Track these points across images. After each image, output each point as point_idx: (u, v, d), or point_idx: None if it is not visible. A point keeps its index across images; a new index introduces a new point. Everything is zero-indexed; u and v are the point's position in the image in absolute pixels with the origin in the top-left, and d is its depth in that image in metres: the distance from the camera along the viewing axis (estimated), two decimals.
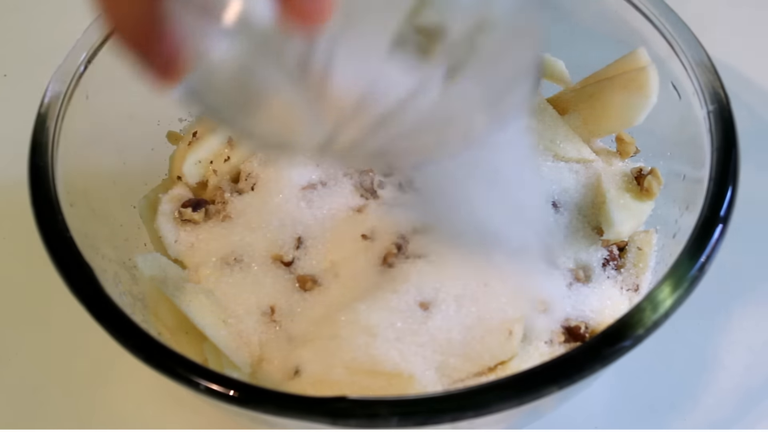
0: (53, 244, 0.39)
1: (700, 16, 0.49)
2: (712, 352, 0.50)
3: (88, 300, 0.37)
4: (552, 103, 0.50)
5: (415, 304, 0.41)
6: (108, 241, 0.44)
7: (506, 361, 0.40)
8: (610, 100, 0.48)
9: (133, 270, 0.44)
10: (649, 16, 0.47)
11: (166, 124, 0.53)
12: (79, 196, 0.43)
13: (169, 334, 0.43)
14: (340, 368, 0.40)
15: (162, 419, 0.48)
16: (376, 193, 0.47)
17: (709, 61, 0.44)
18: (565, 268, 0.44)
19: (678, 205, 0.44)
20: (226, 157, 0.48)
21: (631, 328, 0.35)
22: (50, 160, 0.42)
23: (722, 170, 0.40)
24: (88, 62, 0.46)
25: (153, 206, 0.49)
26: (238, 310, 0.44)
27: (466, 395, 0.34)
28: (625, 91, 0.47)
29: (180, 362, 0.35)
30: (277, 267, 0.45)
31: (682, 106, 0.45)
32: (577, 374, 0.34)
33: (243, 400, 0.34)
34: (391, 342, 0.40)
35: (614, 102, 0.47)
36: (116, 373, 0.49)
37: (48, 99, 0.44)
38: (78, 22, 0.47)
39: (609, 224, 0.45)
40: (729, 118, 0.42)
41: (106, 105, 0.48)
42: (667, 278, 0.37)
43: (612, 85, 0.47)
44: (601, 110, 0.48)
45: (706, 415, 0.48)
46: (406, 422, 0.33)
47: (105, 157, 0.48)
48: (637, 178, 0.47)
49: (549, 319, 0.42)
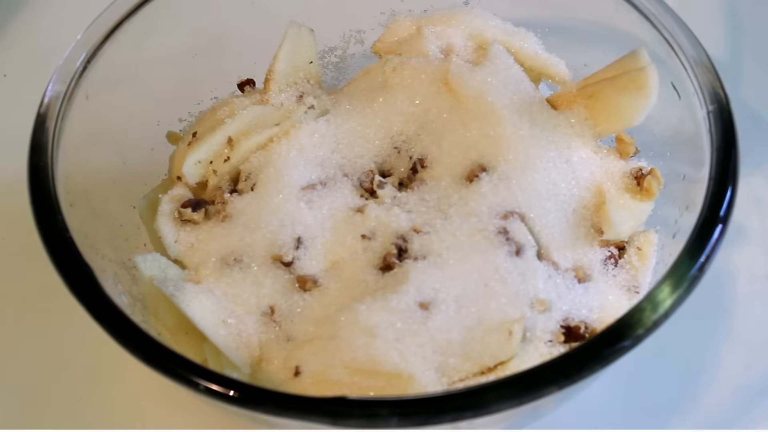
0: (53, 244, 0.39)
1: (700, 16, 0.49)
2: (712, 352, 0.50)
3: (88, 300, 0.37)
4: (552, 103, 0.50)
5: (415, 304, 0.41)
6: (108, 241, 0.44)
7: (506, 361, 0.40)
8: (610, 100, 0.47)
9: (132, 270, 0.44)
10: (649, 16, 0.47)
11: (166, 124, 0.53)
12: (79, 196, 0.43)
13: (169, 334, 0.43)
14: (340, 368, 0.40)
15: (162, 419, 0.48)
16: (376, 193, 0.47)
17: (709, 61, 0.44)
18: (564, 268, 0.44)
19: (678, 205, 0.44)
20: (226, 157, 0.48)
21: (631, 328, 0.35)
22: (50, 160, 0.42)
23: (722, 170, 0.40)
24: (88, 62, 0.46)
25: (153, 206, 0.48)
26: (238, 310, 0.44)
27: (466, 395, 0.34)
28: (625, 91, 0.47)
29: (180, 362, 0.35)
30: (277, 267, 0.45)
31: (682, 106, 0.45)
32: (577, 374, 0.34)
33: (243, 400, 0.34)
34: (391, 342, 0.40)
35: (614, 102, 0.47)
36: (116, 373, 0.49)
37: (48, 99, 0.44)
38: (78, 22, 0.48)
39: (609, 224, 0.45)
40: (729, 118, 0.42)
41: (106, 105, 0.48)
42: (667, 278, 0.37)
43: (612, 85, 0.47)
44: (601, 110, 0.48)
45: (706, 415, 0.48)
46: (406, 422, 0.33)
47: (105, 157, 0.48)
48: (637, 178, 0.47)
49: (549, 319, 0.42)
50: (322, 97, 0.52)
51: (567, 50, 0.52)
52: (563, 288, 0.44)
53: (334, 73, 0.58)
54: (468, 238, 0.44)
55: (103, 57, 0.47)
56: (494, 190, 0.46)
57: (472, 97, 0.49)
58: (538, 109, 0.49)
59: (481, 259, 0.43)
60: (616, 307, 0.44)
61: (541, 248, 0.45)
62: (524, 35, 0.53)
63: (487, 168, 0.46)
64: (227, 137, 0.49)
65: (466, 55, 0.52)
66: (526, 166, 0.46)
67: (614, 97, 0.47)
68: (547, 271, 0.44)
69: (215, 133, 0.49)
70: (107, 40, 0.47)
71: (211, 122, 0.51)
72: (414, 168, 0.48)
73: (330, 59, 0.58)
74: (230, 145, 0.49)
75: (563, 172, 0.47)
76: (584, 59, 0.52)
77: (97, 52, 0.46)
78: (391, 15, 0.55)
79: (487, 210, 0.45)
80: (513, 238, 0.44)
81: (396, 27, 0.55)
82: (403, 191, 0.48)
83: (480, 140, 0.47)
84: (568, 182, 0.47)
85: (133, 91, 0.51)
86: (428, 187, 0.47)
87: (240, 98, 0.52)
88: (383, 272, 0.44)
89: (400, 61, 0.52)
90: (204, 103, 0.54)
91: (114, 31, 0.47)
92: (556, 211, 0.46)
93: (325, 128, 0.49)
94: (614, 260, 0.46)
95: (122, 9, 0.48)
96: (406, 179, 0.49)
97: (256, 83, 0.54)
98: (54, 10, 0.69)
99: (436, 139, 0.49)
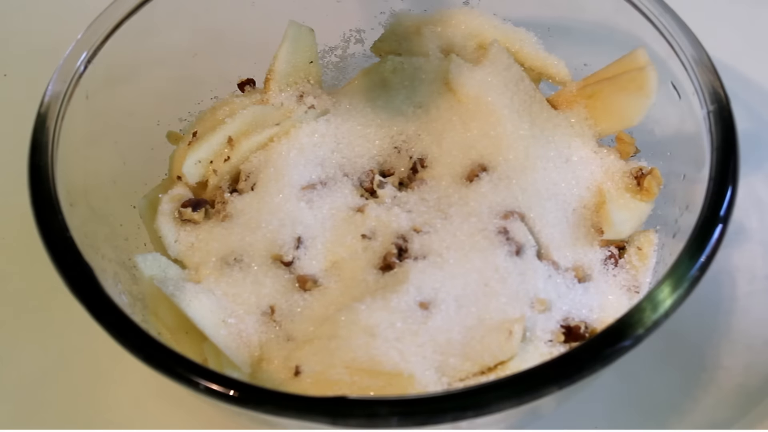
0: (53, 244, 0.39)
1: (700, 16, 0.49)
2: (711, 352, 0.50)
3: (88, 300, 0.37)
4: (552, 103, 0.50)
5: (415, 304, 0.41)
6: (108, 241, 0.44)
7: (506, 360, 0.40)
8: (610, 100, 0.48)
9: (133, 270, 0.44)
10: (649, 16, 0.47)
11: (166, 124, 0.53)
12: (79, 195, 0.43)
13: (169, 334, 0.43)
14: (340, 368, 0.40)
15: (162, 419, 0.48)
16: (376, 192, 0.47)
17: (709, 61, 0.44)
18: (564, 268, 0.44)
19: (678, 205, 0.44)
20: (226, 157, 0.48)
21: (631, 328, 0.35)
22: (50, 160, 0.42)
23: (722, 170, 0.40)
24: (88, 62, 0.46)
25: (153, 206, 0.49)
26: (238, 310, 0.44)
27: (466, 395, 0.34)
28: (625, 91, 0.47)
29: (180, 362, 0.35)
30: (277, 267, 0.45)
31: (682, 106, 0.45)
32: (577, 374, 0.34)
33: (243, 400, 0.34)
34: (391, 342, 0.40)
35: (614, 102, 0.47)
36: (116, 373, 0.49)
37: (48, 99, 0.44)
38: (78, 22, 0.47)
39: (609, 224, 0.45)
40: (729, 118, 0.42)
41: (106, 105, 0.48)
42: (667, 278, 0.37)
43: (612, 85, 0.47)
44: (601, 110, 0.48)
45: (706, 415, 0.48)
46: (406, 422, 0.33)
47: (105, 157, 0.48)
48: (637, 178, 0.47)
49: (549, 319, 0.42)
50: (323, 97, 0.52)
51: (567, 50, 0.52)
52: (563, 288, 0.44)
53: (334, 73, 0.58)
54: (468, 238, 0.44)
55: (103, 57, 0.47)
56: (494, 189, 0.46)
57: (472, 97, 0.49)
58: (538, 109, 0.49)
59: (481, 258, 0.43)
60: (616, 307, 0.44)
61: (541, 248, 0.45)
62: (524, 35, 0.53)
63: (488, 168, 0.46)
64: (227, 137, 0.49)
65: (466, 55, 0.52)
66: (526, 166, 0.46)
67: (614, 97, 0.47)
68: (547, 270, 0.44)
69: (215, 132, 0.49)
70: (107, 40, 0.47)
71: (211, 122, 0.51)
72: (414, 168, 0.48)
73: (330, 59, 0.58)
74: (230, 144, 0.49)
75: (563, 172, 0.47)
76: (584, 59, 0.52)
77: (97, 52, 0.46)
78: (391, 15, 0.55)
79: (487, 210, 0.45)
80: (513, 238, 0.44)
81: (396, 27, 0.55)
82: (403, 191, 0.48)
83: (480, 140, 0.47)
84: (568, 182, 0.47)
85: (133, 90, 0.51)
86: (428, 186, 0.47)
87: (240, 98, 0.52)
88: (383, 272, 0.44)
89: (400, 61, 0.52)
90: (204, 103, 0.54)
91: (114, 31, 0.47)
92: (556, 210, 0.46)
93: (325, 128, 0.49)
94: (614, 260, 0.46)
95: (122, 9, 0.48)
96: (406, 179, 0.49)
97: (257, 83, 0.54)
98: (54, 10, 0.69)
99: (436, 139, 0.49)
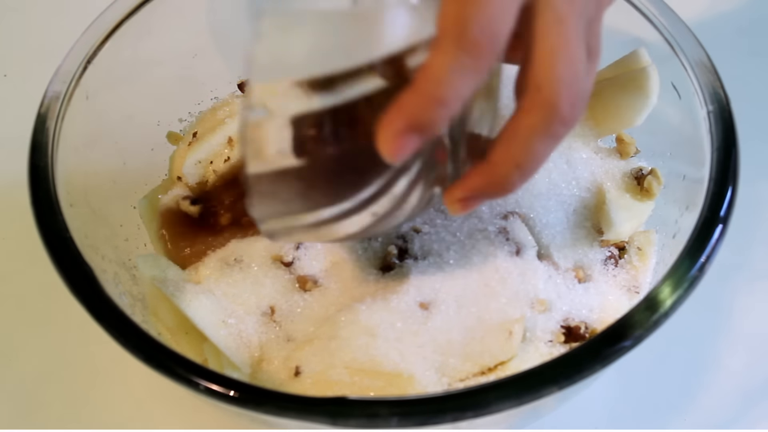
0: (53, 244, 0.39)
1: (700, 16, 0.49)
2: (712, 352, 0.50)
3: (88, 300, 0.37)
4: None
5: (415, 304, 0.41)
6: (108, 241, 0.44)
7: (506, 361, 0.40)
8: (610, 100, 0.47)
9: (133, 270, 0.44)
10: (649, 16, 0.47)
11: (166, 124, 0.53)
12: (79, 196, 0.43)
13: (169, 334, 0.43)
14: (340, 368, 0.40)
15: (162, 419, 0.48)
16: None
17: (709, 61, 0.44)
18: (565, 268, 0.44)
19: (678, 205, 0.44)
20: (226, 157, 0.48)
21: (631, 328, 0.35)
22: (50, 160, 0.42)
23: (722, 170, 0.40)
24: (88, 62, 0.46)
25: (153, 207, 0.49)
26: (238, 310, 0.43)
27: (466, 395, 0.34)
28: (625, 91, 0.47)
29: (180, 362, 0.35)
30: (277, 267, 0.45)
31: (682, 106, 0.45)
32: (577, 374, 0.34)
33: (243, 400, 0.34)
34: (391, 342, 0.40)
35: (614, 102, 0.47)
36: (116, 373, 0.49)
37: (48, 99, 0.44)
38: (78, 22, 0.47)
39: (609, 224, 0.45)
40: (729, 118, 0.42)
41: (106, 105, 0.48)
42: (667, 278, 0.37)
43: (612, 85, 0.47)
44: (601, 110, 0.48)
45: (706, 415, 0.48)
46: (406, 422, 0.33)
47: (105, 157, 0.48)
48: (637, 178, 0.47)
49: (549, 319, 0.42)
50: None
51: None
52: (563, 288, 0.44)
53: None
54: (468, 238, 0.44)
55: (103, 57, 0.47)
56: None
57: None
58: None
59: (481, 259, 0.43)
60: (616, 307, 0.44)
61: (541, 248, 0.45)
62: None
63: None
64: (227, 137, 0.49)
65: None
66: None
67: (614, 97, 0.47)
68: (547, 271, 0.44)
69: (215, 133, 0.49)
70: (107, 40, 0.47)
71: (211, 122, 0.51)
72: None
73: None
74: (230, 145, 0.49)
75: (564, 172, 0.47)
76: None
77: (97, 52, 0.46)
78: None
79: (488, 210, 0.45)
80: (513, 238, 0.44)
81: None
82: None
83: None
84: (568, 182, 0.47)
85: (133, 91, 0.51)
86: None
87: (240, 98, 0.52)
88: (383, 272, 0.44)
89: None
90: (204, 103, 0.54)
91: (114, 31, 0.47)
92: (556, 211, 0.46)
93: None
94: (614, 260, 0.46)
95: (122, 9, 0.48)
96: None
97: None
98: (54, 10, 0.69)
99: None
